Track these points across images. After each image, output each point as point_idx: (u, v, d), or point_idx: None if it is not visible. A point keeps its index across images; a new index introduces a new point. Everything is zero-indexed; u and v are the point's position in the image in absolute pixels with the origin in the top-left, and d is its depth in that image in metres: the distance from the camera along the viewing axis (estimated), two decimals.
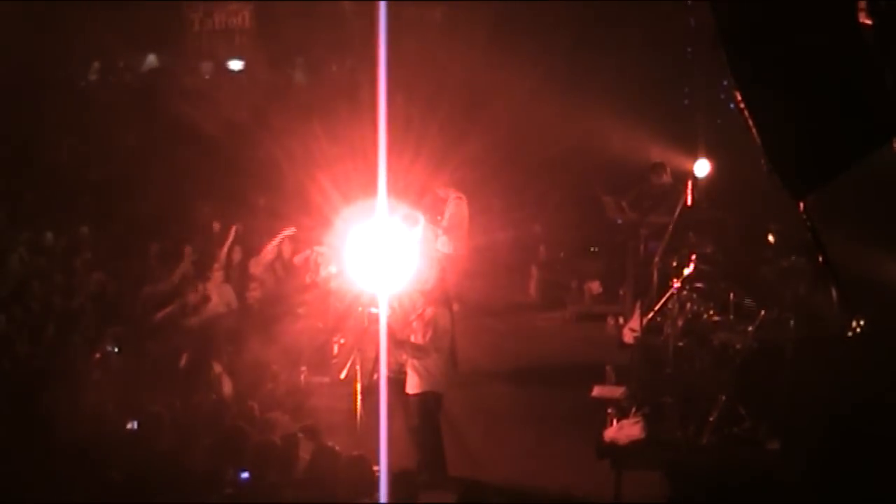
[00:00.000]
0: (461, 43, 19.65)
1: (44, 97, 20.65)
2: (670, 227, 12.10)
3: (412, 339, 10.24)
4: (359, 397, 10.18)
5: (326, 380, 12.69)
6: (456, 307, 13.19)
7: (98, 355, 10.14)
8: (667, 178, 14.80)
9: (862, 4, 5.21)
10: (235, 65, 23.97)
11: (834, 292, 9.90)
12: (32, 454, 8.15)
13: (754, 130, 5.21)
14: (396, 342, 10.23)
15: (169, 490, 7.40)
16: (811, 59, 5.15)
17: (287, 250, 14.82)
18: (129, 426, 8.13)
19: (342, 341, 13.47)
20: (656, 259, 11.43)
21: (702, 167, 15.63)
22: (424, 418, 10.30)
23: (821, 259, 6.12)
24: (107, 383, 9.50)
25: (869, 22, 5.21)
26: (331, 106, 21.86)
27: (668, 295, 11.07)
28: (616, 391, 11.44)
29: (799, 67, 5.15)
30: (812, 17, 5.15)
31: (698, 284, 11.38)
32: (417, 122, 18.20)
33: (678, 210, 12.94)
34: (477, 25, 20.02)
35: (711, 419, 10.29)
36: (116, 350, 10.29)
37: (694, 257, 11.47)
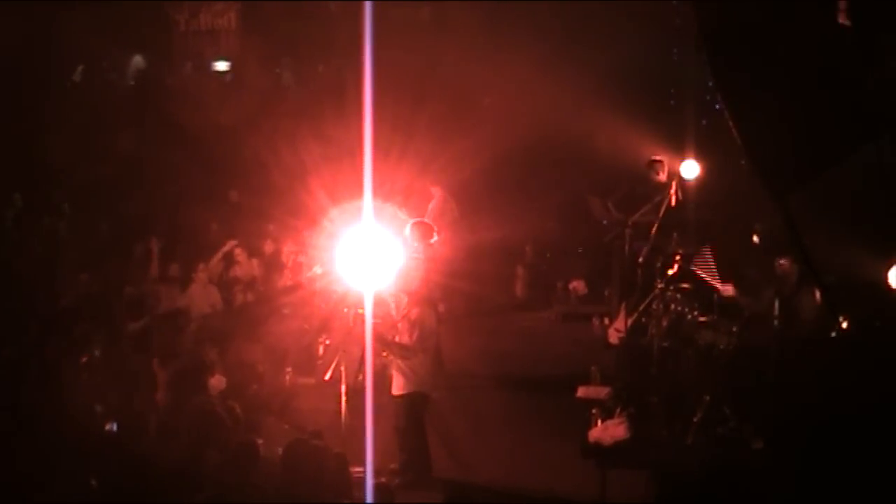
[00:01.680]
0: (449, 42, 19.66)
1: (29, 98, 20.59)
2: (655, 228, 12.09)
3: (398, 339, 10.21)
4: (343, 398, 10.15)
5: (312, 381, 12.67)
6: (441, 308, 13.18)
7: (83, 357, 10.07)
8: (663, 176, 14.81)
9: (843, 5, 5.22)
10: (222, 66, 23.94)
11: (818, 292, 9.92)
12: (15, 456, 8.12)
13: (735, 130, 5.22)
14: (382, 343, 10.20)
15: (151, 491, 7.38)
16: (792, 60, 5.16)
17: (271, 252, 14.82)
18: (109, 427, 8.10)
19: (327, 342, 13.46)
20: (641, 259, 11.41)
21: (688, 168, 15.64)
22: (410, 419, 10.27)
23: (803, 259, 6.14)
24: (90, 385, 9.46)
25: (849, 23, 5.23)
26: (318, 106, 21.86)
27: (652, 295, 11.08)
28: (601, 392, 11.44)
29: (780, 69, 5.16)
30: (792, 18, 5.16)
31: (683, 285, 11.40)
32: (405, 121, 18.21)
33: (663, 210, 12.95)
34: (464, 25, 20.04)
35: (696, 419, 10.31)
36: (100, 351, 10.23)
37: (678, 258, 11.48)
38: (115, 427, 8.12)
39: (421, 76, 20.34)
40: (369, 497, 7.78)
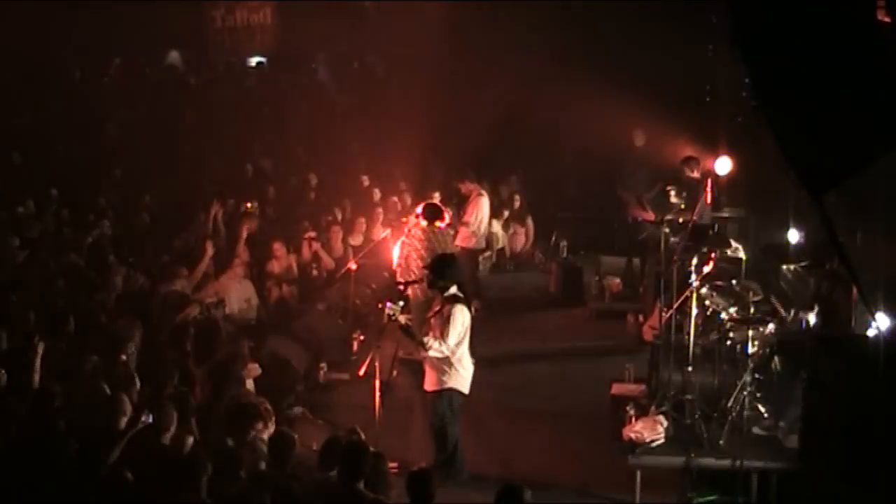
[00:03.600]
0: (484, 41, 19.69)
1: (67, 93, 20.79)
2: (690, 225, 12.04)
3: (431, 335, 10.20)
4: (378, 394, 10.19)
5: (346, 376, 12.71)
6: (475, 304, 13.20)
7: (122, 354, 10.12)
8: (697, 174, 14.80)
9: (881, 2, 5.19)
10: (257, 61, 24.10)
11: (854, 290, 9.85)
12: (46, 452, 8.18)
13: (770, 127, 5.20)
14: (413, 341, 10.22)
15: (185, 484, 7.42)
16: (829, 56, 5.13)
17: (307, 247, 14.88)
18: (144, 420, 8.15)
19: (362, 338, 13.51)
20: (675, 257, 11.36)
21: (723, 165, 15.57)
22: (443, 415, 10.29)
23: (839, 256, 6.10)
24: (127, 379, 9.52)
25: (887, 19, 5.19)
26: (352, 102, 21.97)
27: (687, 293, 11.02)
28: (635, 389, 11.43)
29: (816, 65, 5.13)
30: (829, 14, 5.13)
31: (718, 282, 11.35)
32: (438, 117, 18.25)
33: (698, 207, 12.91)
34: (501, 24, 20.04)
35: (730, 418, 10.27)
36: (137, 347, 10.29)
37: (713, 255, 11.43)
38: (150, 419, 8.16)
39: (455, 74, 20.37)
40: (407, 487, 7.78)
